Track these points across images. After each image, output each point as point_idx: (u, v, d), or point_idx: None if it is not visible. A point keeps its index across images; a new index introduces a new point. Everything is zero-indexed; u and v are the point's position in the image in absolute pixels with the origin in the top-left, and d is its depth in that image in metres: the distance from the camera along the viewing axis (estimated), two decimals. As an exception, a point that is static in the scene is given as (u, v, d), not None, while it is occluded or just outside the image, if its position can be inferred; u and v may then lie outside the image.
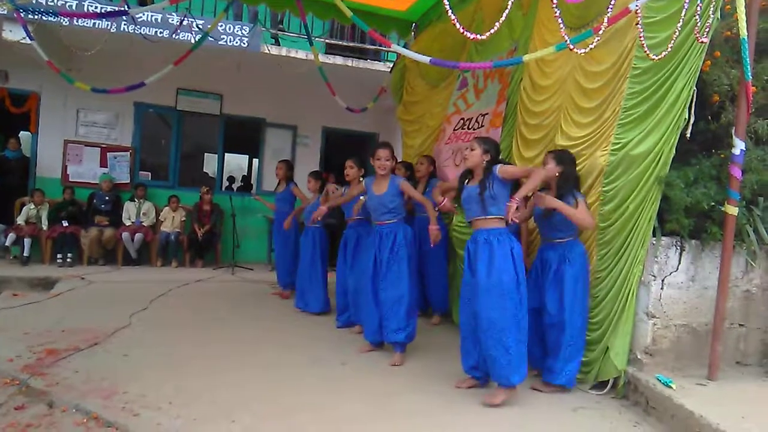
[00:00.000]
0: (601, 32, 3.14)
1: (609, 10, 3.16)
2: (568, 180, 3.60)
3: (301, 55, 7.63)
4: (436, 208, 4.18)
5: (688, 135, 3.58)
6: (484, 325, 3.31)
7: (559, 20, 3.27)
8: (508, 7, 3.26)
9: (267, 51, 7.50)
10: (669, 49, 3.32)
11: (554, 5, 3.26)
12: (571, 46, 3.14)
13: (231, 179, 13.08)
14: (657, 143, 3.49)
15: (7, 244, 7.20)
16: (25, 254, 7.21)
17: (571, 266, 3.54)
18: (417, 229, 4.75)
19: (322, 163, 9.37)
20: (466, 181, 3.61)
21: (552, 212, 3.54)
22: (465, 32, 3.29)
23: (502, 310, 3.27)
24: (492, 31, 3.28)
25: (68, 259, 7.33)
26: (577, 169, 3.85)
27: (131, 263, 7.75)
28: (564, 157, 3.66)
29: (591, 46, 3.22)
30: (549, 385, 3.63)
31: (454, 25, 3.29)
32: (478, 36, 3.34)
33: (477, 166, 3.52)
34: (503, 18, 3.26)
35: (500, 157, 3.57)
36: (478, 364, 3.53)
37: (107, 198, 7.85)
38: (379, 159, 4.15)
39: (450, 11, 3.25)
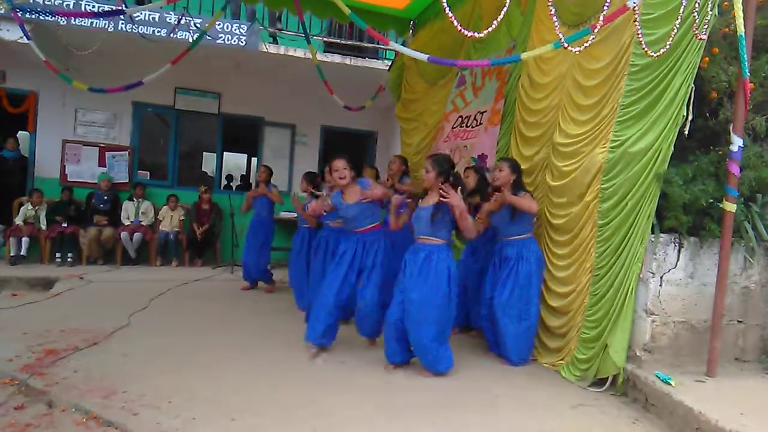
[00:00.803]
0: (596, 30, 3.14)
1: (605, 7, 3.15)
2: (518, 186, 4.05)
3: (299, 53, 7.62)
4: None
5: (687, 132, 3.58)
6: (414, 332, 3.64)
7: (554, 19, 3.26)
8: (506, 4, 3.25)
9: (265, 50, 7.49)
10: (667, 46, 3.32)
11: (550, 3, 3.25)
12: (566, 45, 3.13)
13: (230, 178, 13.07)
14: (655, 140, 3.49)
15: (12, 253, 7.19)
16: (22, 253, 7.20)
17: (527, 263, 3.98)
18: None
19: (320, 162, 9.37)
20: (419, 200, 3.81)
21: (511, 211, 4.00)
22: (463, 30, 3.28)
23: (433, 322, 3.62)
24: (490, 29, 3.28)
25: (68, 259, 7.33)
26: (576, 166, 3.88)
27: (130, 263, 7.75)
28: (516, 166, 4.10)
29: (586, 44, 3.22)
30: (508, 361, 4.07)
31: (452, 23, 3.29)
32: (476, 34, 3.34)
33: (432, 188, 3.70)
34: (501, 16, 3.25)
35: (453, 170, 3.78)
36: (404, 355, 3.86)
37: (106, 197, 7.85)
38: (337, 170, 4.12)
39: (447, 9, 3.24)
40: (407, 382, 3.70)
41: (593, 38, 3.18)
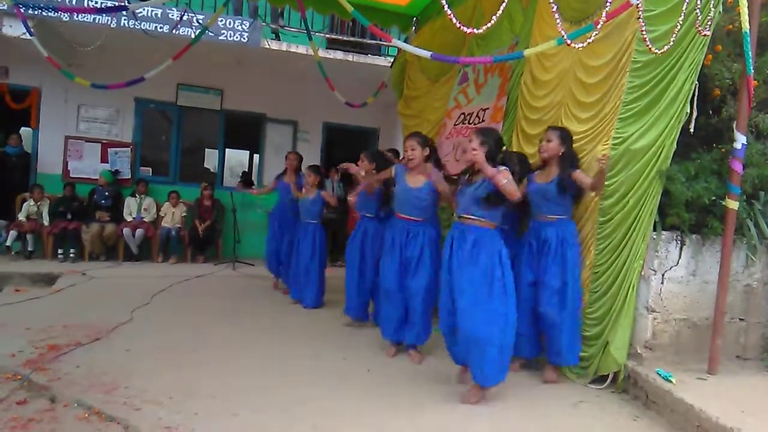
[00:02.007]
0: (599, 26, 3.12)
1: (608, 4, 3.14)
2: (570, 160, 3.62)
3: (301, 50, 7.62)
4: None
5: (692, 129, 3.57)
6: (464, 332, 3.22)
7: (556, 16, 3.24)
8: (505, 0, 3.23)
9: (267, 46, 7.49)
10: (671, 43, 3.31)
11: (551, 0, 3.24)
12: (569, 42, 3.12)
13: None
14: (658, 137, 3.48)
15: (8, 244, 7.21)
16: (29, 248, 7.24)
17: (571, 248, 3.61)
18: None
19: (322, 159, 9.37)
20: (467, 176, 3.39)
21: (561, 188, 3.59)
22: (462, 27, 3.26)
23: (486, 320, 3.15)
24: (488, 25, 3.26)
25: (71, 255, 7.35)
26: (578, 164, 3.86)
27: (132, 259, 7.77)
28: (567, 137, 3.68)
29: (589, 40, 3.20)
30: (559, 368, 3.70)
31: (451, 19, 3.27)
32: (475, 30, 3.32)
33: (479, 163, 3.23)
34: (500, 12, 3.23)
35: (502, 148, 3.36)
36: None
37: (107, 193, 7.86)
38: (406, 151, 3.91)
39: (447, 7, 3.22)
40: (409, 379, 3.70)
41: (596, 34, 3.16)
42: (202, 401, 3.11)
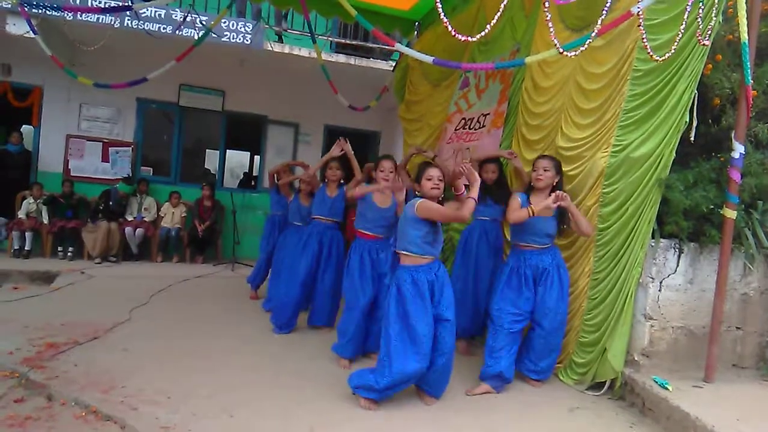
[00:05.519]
0: (593, 34, 3.12)
1: (604, 12, 3.14)
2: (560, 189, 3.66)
3: (304, 52, 7.65)
4: None
5: (692, 138, 3.59)
6: (445, 349, 3.24)
7: (550, 25, 3.25)
8: (501, 6, 3.23)
9: (270, 48, 7.52)
10: (672, 51, 3.33)
11: (545, 9, 3.24)
12: (561, 50, 3.12)
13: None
14: (658, 146, 3.50)
15: (16, 246, 7.22)
16: (26, 248, 7.24)
17: (565, 271, 3.74)
18: None
19: (323, 161, 9.38)
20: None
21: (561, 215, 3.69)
22: (457, 35, 3.26)
23: (453, 335, 3.30)
24: (483, 33, 3.25)
25: (69, 253, 7.35)
26: (578, 171, 3.88)
27: (132, 258, 7.77)
28: (560, 167, 3.74)
29: (582, 48, 3.19)
30: (541, 382, 3.79)
31: (455, 26, 3.28)
32: (470, 38, 3.30)
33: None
34: (494, 21, 3.22)
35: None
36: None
37: (124, 203, 7.84)
38: (383, 171, 3.94)
39: (443, 15, 3.22)
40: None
41: (589, 41, 3.15)
42: (200, 401, 3.12)
